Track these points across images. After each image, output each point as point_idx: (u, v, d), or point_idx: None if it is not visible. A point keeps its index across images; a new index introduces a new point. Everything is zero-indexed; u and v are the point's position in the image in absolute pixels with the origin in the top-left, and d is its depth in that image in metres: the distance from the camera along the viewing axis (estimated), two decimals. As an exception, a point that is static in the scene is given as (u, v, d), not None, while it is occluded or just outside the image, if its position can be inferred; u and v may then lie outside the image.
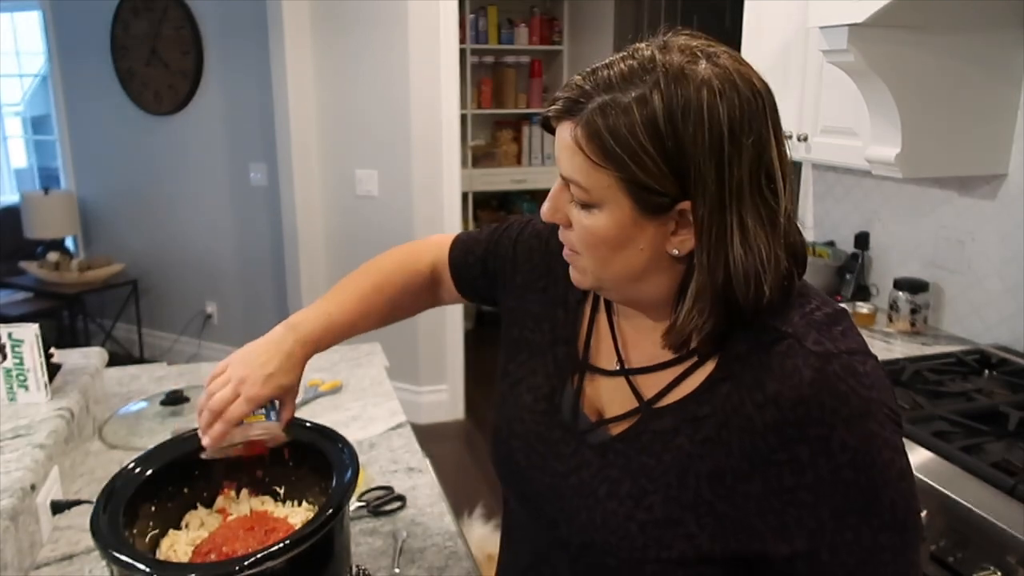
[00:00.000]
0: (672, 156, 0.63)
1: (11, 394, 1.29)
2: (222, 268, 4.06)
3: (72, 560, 1.08)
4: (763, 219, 0.66)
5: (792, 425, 0.64)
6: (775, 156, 0.67)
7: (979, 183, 1.86)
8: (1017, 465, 1.24)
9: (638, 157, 0.63)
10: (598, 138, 0.64)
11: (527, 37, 4.63)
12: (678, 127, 0.62)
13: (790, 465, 0.64)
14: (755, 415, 0.66)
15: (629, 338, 0.80)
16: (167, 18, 3.81)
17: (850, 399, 0.64)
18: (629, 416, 0.76)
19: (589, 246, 0.71)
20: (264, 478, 1.02)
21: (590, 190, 0.67)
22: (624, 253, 0.69)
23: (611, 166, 0.65)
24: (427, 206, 3.33)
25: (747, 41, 2.26)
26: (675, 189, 0.64)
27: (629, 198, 0.66)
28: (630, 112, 0.63)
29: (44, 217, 4.12)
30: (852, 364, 0.65)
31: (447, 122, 3.25)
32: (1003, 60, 1.71)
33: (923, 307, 1.96)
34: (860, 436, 0.63)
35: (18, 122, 5.87)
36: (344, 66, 3.31)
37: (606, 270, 0.71)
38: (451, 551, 1.11)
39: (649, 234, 0.68)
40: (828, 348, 0.66)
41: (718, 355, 0.70)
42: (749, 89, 0.65)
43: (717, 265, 0.66)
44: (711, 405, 0.69)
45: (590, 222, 0.69)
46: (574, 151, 0.66)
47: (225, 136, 3.85)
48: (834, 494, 0.63)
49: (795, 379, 0.65)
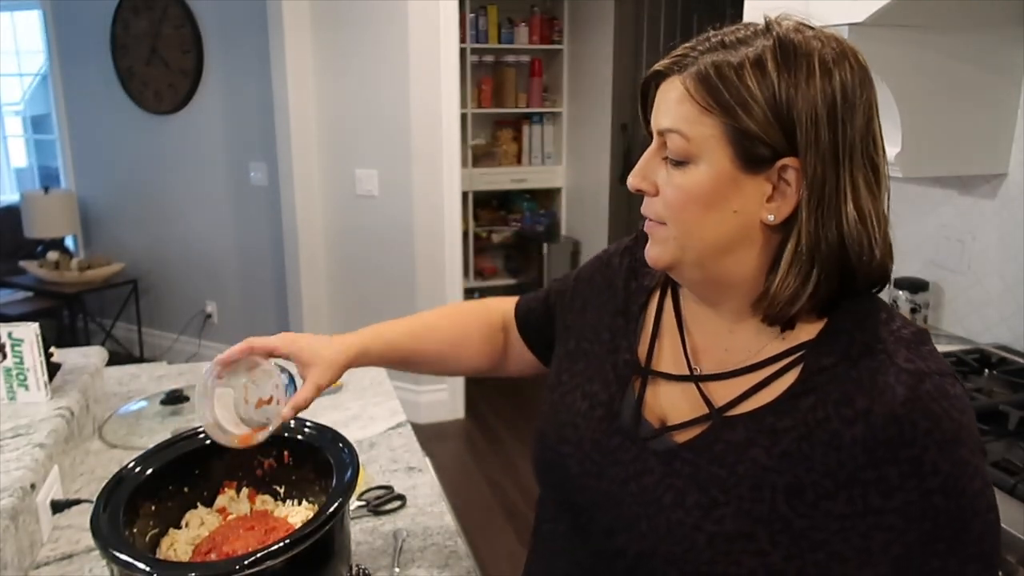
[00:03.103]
0: (782, 105, 0.62)
1: (11, 393, 1.29)
2: (222, 267, 4.06)
3: (72, 559, 1.08)
4: (871, 183, 0.65)
5: (883, 444, 0.61)
6: (878, 133, 0.67)
7: (979, 182, 1.86)
8: (1017, 465, 1.24)
9: (746, 103, 0.63)
10: (707, 83, 0.64)
11: (527, 36, 4.63)
12: (791, 77, 0.62)
13: (878, 485, 0.61)
14: (843, 430, 0.63)
15: (698, 343, 0.77)
16: (167, 17, 3.81)
17: (943, 422, 0.61)
18: (697, 423, 0.72)
19: (679, 208, 0.68)
20: (264, 477, 1.02)
21: (692, 139, 0.65)
22: (715, 215, 0.66)
23: (718, 111, 0.64)
24: (427, 206, 3.33)
25: (747, 40, 2.26)
26: (781, 141, 0.63)
27: (731, 148, 0.64)
28: (743, 61, 0.63)
29: (44, 216, 4.12)
30: (944, 385, 0.63)
31: (447, 121, 3.25)
32: (1003, 60, 1.71)
33: (923, 306, 1.96)
34: (952, 461, 0.61)
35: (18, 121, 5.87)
36: (344, 65, 3.31)
37: (693, 236, 0.68)
38: (451, 551, 1.11)
39: (745, 194, 0.66)
40: (920, 367, 0.63)
41: (800, 367, 0.67)
42: (856, 56, 0.66)
43: (829, 224, 0.64)
44: (792, 418, 0.66)
45: (684, 180, 0.67)
46: (681, 100, 0.66)
47: (225, 135, 3.85)
48: (924, 519, 0.61)
49: (887, 396, 0.62)
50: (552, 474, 0.84)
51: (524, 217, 4.90)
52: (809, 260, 0.65)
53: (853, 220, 0.64)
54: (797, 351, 0.68)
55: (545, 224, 4.85)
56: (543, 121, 4.83)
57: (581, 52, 4.56)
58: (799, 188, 0.64)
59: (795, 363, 0.68)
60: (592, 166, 4.58)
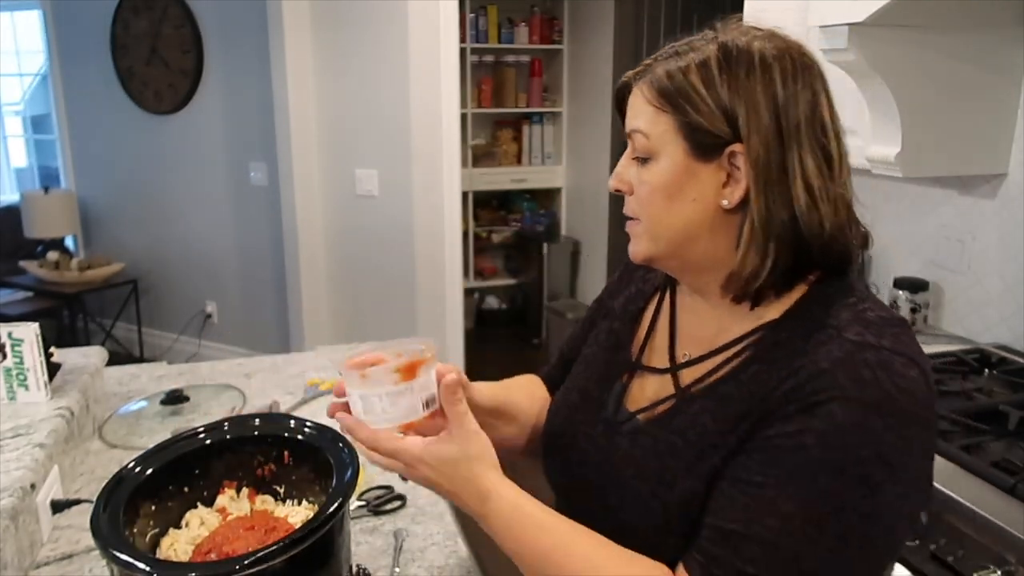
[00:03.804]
0: (723, 97, 0.69)
1: (11, 393, 1.29)
2: (222, 267, 4.07)
3: (72, 559, 1.08)
4: (822, 165, 0.70)
5: (799, 390, 0.64)
6: (827, 116, 0.72)
7: (979, 182, 1.86)
8: (1017, 464, 1.24)
9: (690, 97, 0.70)
10: (658, 83, 0.72)
11: (527, 36, 4.63)
12: (730, 69, 0.70)
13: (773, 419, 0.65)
14: (776, 386, 0.67)
15: (693, 333, 0.81)
16: (167, 17, 3.81)
17: (867, 387, 0.62)
18: (664, 403, 0.78)
19: (646, 202, 0.75)
20: (264, 477, 1.02)
21: (650, 135, 0.73)
22: (677, 205, 0.72)
23: (669, 108, 0.71)
24: (427, 206, 3.33)
25: (747, 40, 2.26)
26: (727, 130, 0.69)
27: (684, 141, 0.71)
28: (690, 64, 0.71)
29: (44, 216, 4.12)
30: (891, 361, 0.64)
31: (447, 121, 3.25)
32: (1003, 59, 1.71)
33: (923, 306, 1.96)
34: (853, 419, 0.61)
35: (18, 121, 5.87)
36: (344, 65, 3.31)
37: (661, 226, 0.74)
38: (451, 551, 1.11)
39: (701, 182, 0.71)
40: (868, 340, 0.65)
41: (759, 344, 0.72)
42: (800, 52, 0.73)
43: (779, 203, 0.69)
44: (739, 385, 0.71)
45: (648, 175, 0.74)
46: (642, 104, 0.74)
47: (225, 135, 3.86)
48: (779, 447, 0.64)
49: (821, 355, 0.65)
50: (552, 464, 0.90)
51: (524, 217, 4.90)
52: (764, 237, 0.70)
53: (803, 199, 0.69)
54: (761, 330, 0.73)
55: (545, 224, 4.85)
56: (543, 121, 4.83)
57: (581, 52, 4.56)
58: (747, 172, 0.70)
59: (759, 340, 0.73)
60: (592, 166, 4.58)
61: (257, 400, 1.58)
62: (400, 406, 0.74)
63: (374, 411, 0.75)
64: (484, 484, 0.72)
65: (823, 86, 0.72)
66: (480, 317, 4.97)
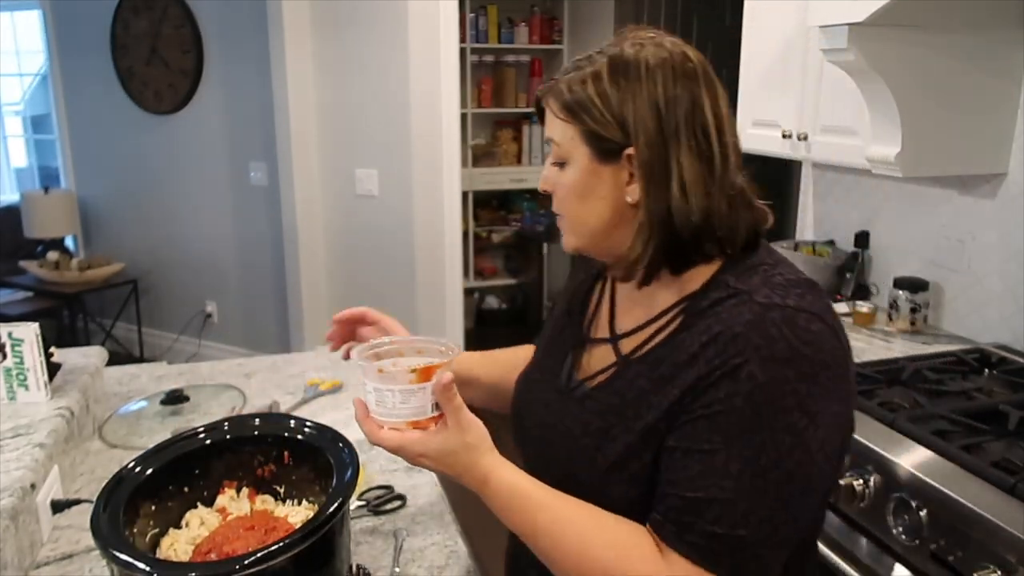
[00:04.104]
0: (614, 105, 0.77)
1: (11, 393, 1.29)
2: (222, 267, 4.07)
3: (72, 559, 1.08)
4: (700, 164, 0.77)
5: (720, 355, 0.72)
6: (709, 116, 0.78)
7: (979, 182, 1.86)
8: (1017, 464, 1.24)
9: (588, 108, 0.79)
10: (561, 98, 0.81)
11: (527, 36, 4.63)
12: (618, 81, 0.78)
13: (704, 386, 0.73)
14: (699, 352, 0.74)
15: (625, 307, 0.91)
16: (167, 17, 3.81)
17: (777, 343, 0.70)
18: (608, 370, 0.87)
19: (565, 201, 0.84)
20: (264, 477, 1.02)
21: (561, 144, 0.82)
22: (590, 202, 0.82)
23: (570, 118, 0.80)
24: (427, 205, 3.33)
25: (747, 40, 2.26)
26: (620, 135, 0.78)
27: (587, 147, 0.80)
28: (585, 77, 0.79)
29: (44, 216, 4.12)
30: (795, 318, 0.72)
31: (447, 121, 3.25)
32: (1003, 59, 1.71)
33: (923, 306, 1.96)
34: (770, 376, 0.69)
35: (18, 121, 5.87)
36: (344, 65, 3.31)
37: (580, 223, 0.84)
38: (451, 550, 1.11)
39: (607, 182, 0.80)
40: (775, 302, 0.73)
41: (684, 315, 0.80)
42: (682, 56, 0.79)
43: (661, 198, 0.77)
44: (670, 351, 0.79)
45: (563, 178, 0.83)
46: (552, 116, 0.83)
47: (225, 135, 3.86)
48: (718, 412, 0.71)
49: (735, 320, 0.73)
50: (516, 428, 0.99)
51: (524, 217, 4.90)
52: (649, 228, 0.79)
53: (677, 193, 0.77)
54: (684, 301, 0.81)
55: (545, 224, 4.84)
56: (543, 121, 4.82)
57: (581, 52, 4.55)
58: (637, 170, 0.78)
59: (683, 311, 0.81)
60: (592, 166, 4.57)
61: (257, 400, 1.58)
62: (411, 404, 0.79)
63: (385, 405, 0.80)
64: (482, 469, 0.79)
65: (705, 89, 0.79)
66: (480, 317, 4.97)
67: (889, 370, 1.63)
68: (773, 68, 2.15)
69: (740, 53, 2.29)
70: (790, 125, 2.08)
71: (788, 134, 2.08)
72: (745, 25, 2.26)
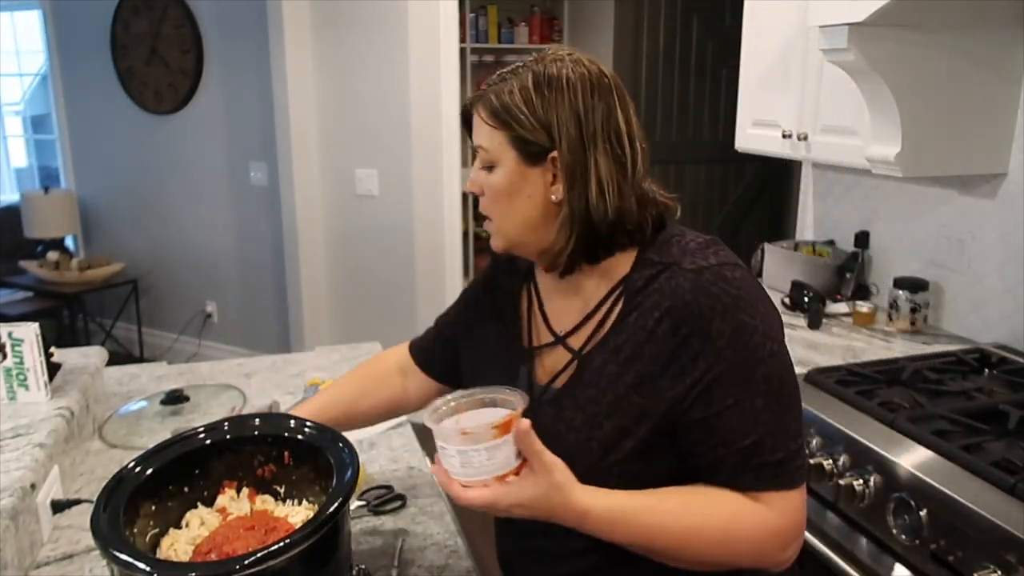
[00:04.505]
0: (540, 113, 0.86)
1: (11, 393, 1.29)
2: (222, 267, 4.07)
3: (72, 559, 1.08)
4: (614, 165, 0.87)
5: (682, 325, 0.83)
6: (622, 124, 0.88)
7: (979, 182, 1.86)
8: (1017, 464, 1.24)
9: (516, 116, 0.86)
10: (490, 106, 0.88)
11: (527, 36, 4.63)
12: (543, 92, 0.86)
13: (687, 354, 0.83)
14: (656, 328, 0.84)
15: (561, 309, 0.97)
16: (167, 17, 3.81)
17: (721, 298, 0.83)
18: (567, 368, 0.93)
19: (494, 201, 0.91)
20: (264, 477, 1.02)
21: (489, 149, 0.89)
22: (518, 202, 0.89)
23: (500, 126, 0.88)
24: (427, 205, 3.33)
25: (747, 40, 2.26)
26: (546, 139, 0.86)
27: (514, 151, 0.87)
28: (512, 89, 0.87)
29: (44, 216, 4.12)
30: (722, 272, 0.84)
31: (447, 121, 3.25)
32: (1003, 59, 1.71)
33: (923, 306, 1.96)
34: (733, 324, 0.82)
35: (18, 121, 5.87)
36: (344, 65, 3.31)
37: (508, 221, 0.90)
38: (451, 550, 1.11)
39: (533, 182, 0.88)
40: (701, 264, 0.85)
41: (623, 297, 0.89)
42: (599, 72, 0.89)
43: (580, 196, 0.86)
44: (625, 333, 0.87)
45: (492, 179, 0.90)
46: (480, 123, 0.90)
47: (225, 135, 3.86)
48: (719, 369, 0.82)
49: (679, 292, 0.84)
50: None
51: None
52: (571, 223, 0.87)
53: (595, 193, 0.86)
54: (620, 285, 0.90)
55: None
56: (543, 121, 4.82)
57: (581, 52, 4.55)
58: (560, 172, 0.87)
59: (620, 294, 0.90)
60: (592, 166, 4.57)
61: (257, 400, 1.58)
62: (497, 459, 0.79)
63: (472, 465, 0.79)
64: (577, 506, 0.80)
65: (618, 101, 0.88)
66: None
67: (889, 370, 1.63)
68: (773, 68, 2.15)
69: (740, 53, 2.29)
70: (790, 125, 2.08)
71: (788, 134, 2.08)
72: (745, 25, 2.26)
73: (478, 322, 1.08)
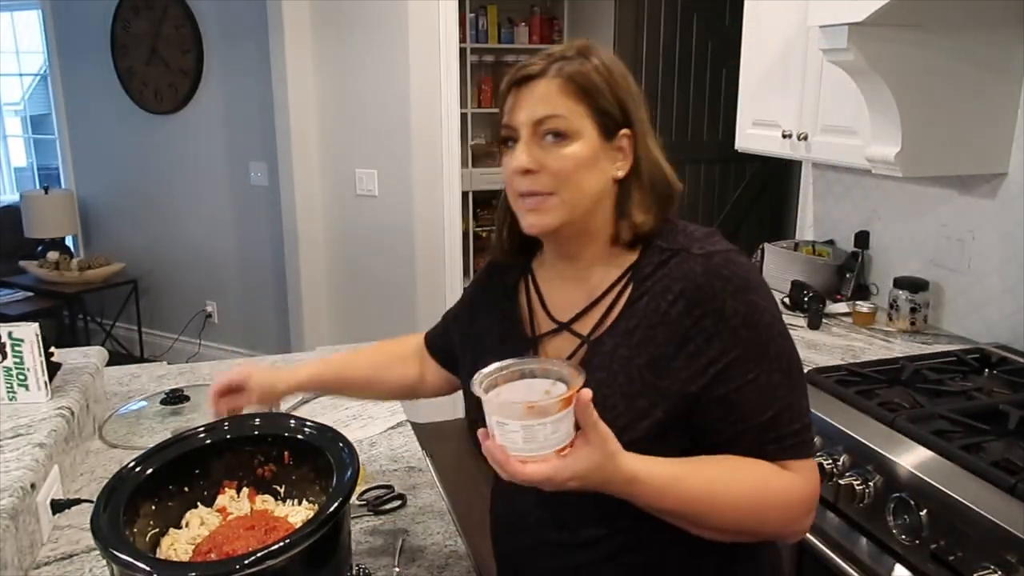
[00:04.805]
0: (616, 91, 0.91)
1: (11, 393, 1.29)
2: (222, 267, 4.07)
3: (72, 559, 1.08)
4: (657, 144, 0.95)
5: (696, 306, 0.86)
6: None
7: (979, 182, 1.86)
8: (1017, 464, 1.24)
9: (599, 90, 0.90)
10: (572, 80, 0.90)
11: (527, 36, 4.63)
12: (613, 74, 0.91)
13: (702, 335, 0.86)
14: (669, 310, 0.87)
15: (561, 299, 0.98)
16: (167, 17, 3.81)
17: (732, 279, 0.87)
18: (576, 352, 0.94)
19: (569, 173, 0.90)
20: (264, 477, 1.02)
21: (571, 119, 0.89)
22: (594, 174, 0.91)
23: (582, 97, 0.89)
24: (427, 205, 3.33)
25: (747, 41, 2.26)
26: (620, 117, 0.91)
27: (595, 124, 0.90)
28: (586, 66, 0.91)
29: (44, 216, 4.12)
30: (730, 256, 0.89)
31: (447, 121, 3.25)
32: (1003, 59, 1.71)
33: (923, 306, 1.96)
34: (745, 303, 0.86)
35: (18, 121, 5.87)
36: (344, 65, 3.31)
37: (579, 193, 0.90)
38: (451, 550, 1.11)
39: (606, 157, 0.91)
40: (709, 250, 0.89)
41: (631, 283, 0.92)
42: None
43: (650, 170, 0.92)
44: (636, 318, 0.90)
45: (571, 150, 0.89)
46: (554, 94, 0.90)
47: (225, 135, 3.86)
48: (736, 347, 0.85)
49: (691, 275, 0.87)
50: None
51: (524, 217, 4.90)
52: (649, 196, 0.93)
53: (660, 166, 0.94)
54: (628, 272, 0.93)
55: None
56: (543, 121, 4.82)
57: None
58: (632, 148, 0.92)
59: (629, 280, 0.93)
60: (592, 166, 4.57)
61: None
62: (560, 432, 0.78)
63: (536, 440, 0.78)
64: (627, 472, 0.81)
65: None
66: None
67: (889, 370, 1.63)
68: (773, 68, 2.15)
69: (740, 53, 2.29)
70: (790, 125, 2.08)
71: (788, 134, 2.08)
72: (745, 25, 2.26)
73: (479, 316, 1.09)
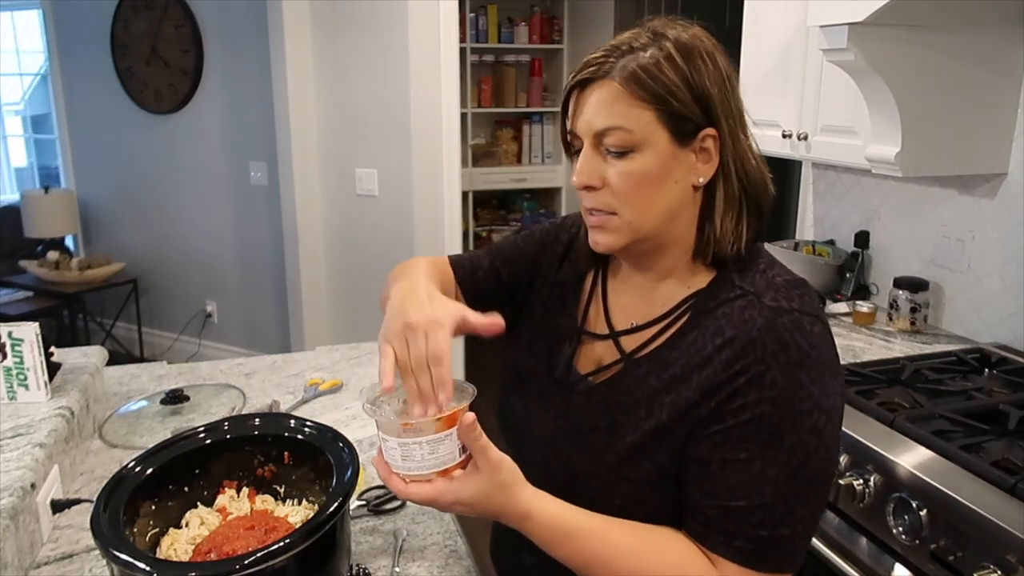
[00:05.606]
0: (696, 88, 0.77)
1: (11, 393, 1.29)
2: (222, 267, 4.07)
3: (72, 559, 1.08)
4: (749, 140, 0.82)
5: (739, 359, 0.75)
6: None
7: (979, 182, 1.86)
8: (1017, 464, 1.24)
9: (670, 90, 0.76)
10: (636, 81, 0.76)
11: (527, 36, 4.63)
12: (694, 63, 0.77)
13: (729, 391, 0.75)
14: (714, 354, 0.77)
15: (626, 304, 0.91)
16: (167, 16, 3.81)
17: (790, 348, 0.74)
18: (613, 366, 0.87)
19: (632, 190, 0.79)
20: (264, 477, 1.02)
21: (633, 130, 0.77)
22: (665, 189, 0.79)
23: (651, 101, 0.76)
24: (427, 205, 3.33)
25: (747, 41, 2.26)
26: (700, 116, 0.78)
27: (666, 130, 0.77)
28: (655, 58, 0.77)
29: (44, 216, 4.12)
30: (801, 321, 0.76)
31: (447, 121, 3.25)
32: (1003, 58, 1.71)
33: (923, 306, 1.96)
34: (789, 380, 0.73)
35: (18, 121, 5.87)
36: (344, 65, 3.31)
37: (647, 212, 0.80)
38: (451, 550, 1.11)
39: (682, 165, 0.79)
40: (783, 306, 0.77)
41: (690, 312, 0.82)
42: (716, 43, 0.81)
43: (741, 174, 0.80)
44: (680, 350, 0.81)
45: (633, 166, 0.78)
46: (614, 100, 0.77)
47: (225, 135, 3.86)
48: (748, 420, 0.74)
49: (748, 324, 0.76)
50: (504, 423, 1.00)
51: (524, 216, 4.90)
52: (739, 204, 0.81)
53: (754, 168, 0.81)
54: (692, 298, 0.83)
55: (545, 224, 4.85)
56: (543, 121, 4.83)
57: (581, 52, 4.56)
58: (717, 150, 0.79)
59: (689, 308, 0.83)
60: (592, 166, 4.57)
61: (257, 400, 1.58)
62: (439, 453, 0.74)
63: (413, 459, 0.74)
64: (521, 505, 0.75)
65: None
66: (480, 317, 4.97)
67: (889, 370, 1.63)
68: (773, 68, 2.15)
69: (740, 53, 2.29)
70: (790, 125, 2.08)
71: (788, 134, 2.08)
72: (745, 25, 2.26)
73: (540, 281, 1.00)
